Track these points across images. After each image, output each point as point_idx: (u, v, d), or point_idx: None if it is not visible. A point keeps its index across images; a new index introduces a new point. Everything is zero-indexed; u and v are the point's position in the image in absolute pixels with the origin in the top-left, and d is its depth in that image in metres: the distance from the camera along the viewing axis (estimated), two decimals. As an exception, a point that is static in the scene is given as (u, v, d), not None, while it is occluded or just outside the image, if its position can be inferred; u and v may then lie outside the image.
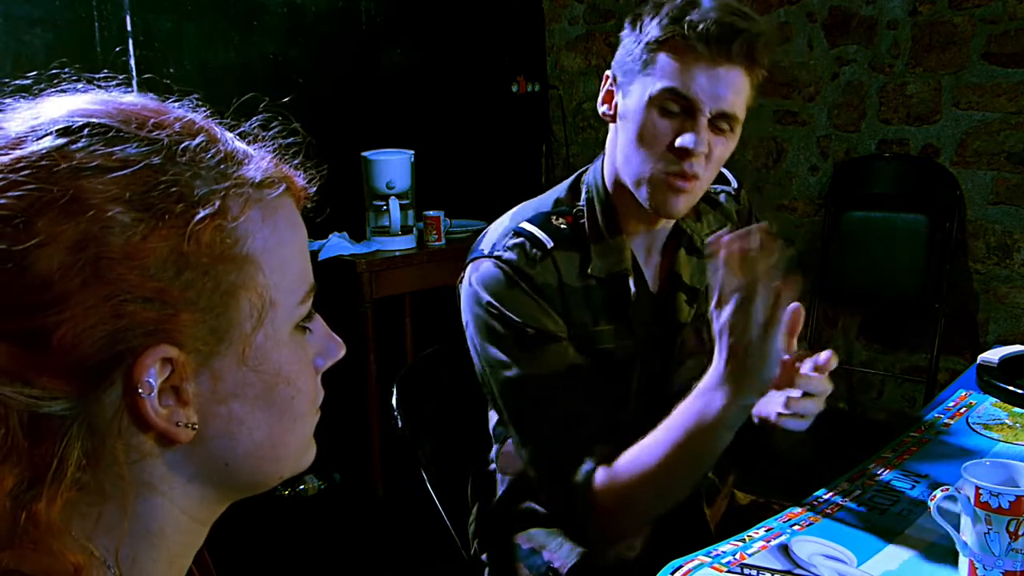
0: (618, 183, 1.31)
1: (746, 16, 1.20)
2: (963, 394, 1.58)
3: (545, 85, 3.98)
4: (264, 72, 3.08)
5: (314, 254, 2.93)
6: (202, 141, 0.57)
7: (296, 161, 0.64)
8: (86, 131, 0.54)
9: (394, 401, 1.49)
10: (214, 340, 0.55)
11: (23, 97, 0.58)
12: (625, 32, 1.27)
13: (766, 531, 1.14)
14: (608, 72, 1.30)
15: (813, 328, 3.23)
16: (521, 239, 1.29)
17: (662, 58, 1.20)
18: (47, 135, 0.53)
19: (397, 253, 3.00)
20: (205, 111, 0.61)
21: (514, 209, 1.39)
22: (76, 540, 0.53)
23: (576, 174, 1.40)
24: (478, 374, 1.33)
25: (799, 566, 1.05)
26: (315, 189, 0.65)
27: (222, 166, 0.57)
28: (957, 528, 1.02)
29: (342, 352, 0.66)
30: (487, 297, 1.27)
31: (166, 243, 0.52)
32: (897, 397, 3.28)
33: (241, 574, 2.44)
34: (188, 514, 0.59)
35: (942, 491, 1.02)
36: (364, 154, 3.04)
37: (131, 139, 0.54)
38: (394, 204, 2.98)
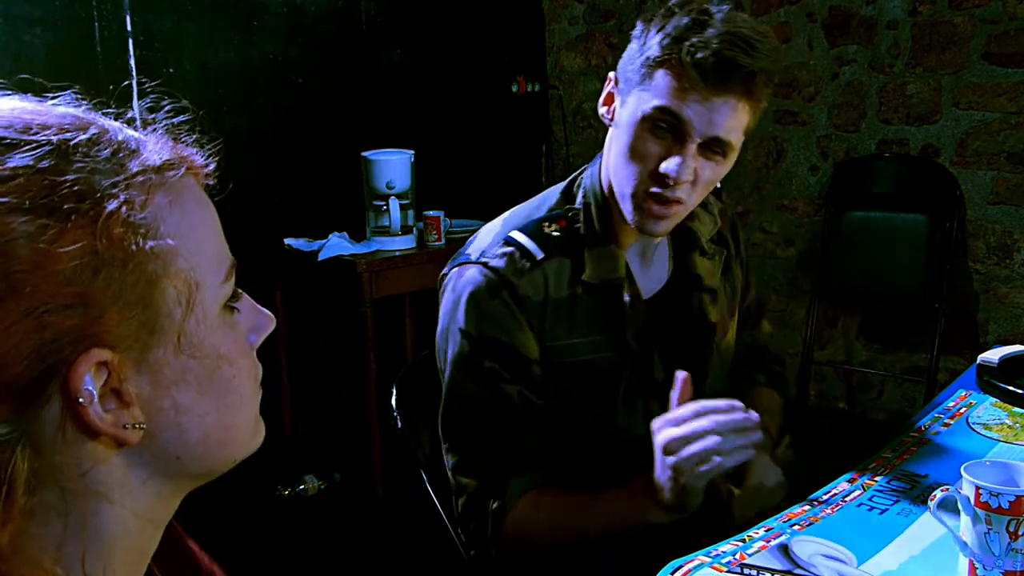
0: (612, 189, 1.30)
1: (750, 47, 1.13)
2: (963, 394, 1.58)
3: (545, 85, 3.98)
4: (264, 72, 3.08)
5: (314, 254, 2.93)
6: (92, 134, 0.54)
7: (194, 140, 0.62)
8: None
9: (394, 401, 1.49)
10: (145, 334, 0.53)
11: None
12: (635, 33, 1.23)
13: (766, 531, 1.14)
14: (612, 73, 1.27)
15: (813, 328, 3.23)
16: (511, 248, 1.28)
17: (659, 76, 1.17)
18: None
19: (397, 253, 2.99)
20: (87, 104, 0.59)
21: (506, 214, 1.37)
22: (32, 561, 0.52)
23: (571, 177, 1.38)
24: (439, 371, 1.35)
25: (799, 566, 1.05)
26: (215, 165, 0.62)
27: (119, 155, 0.55)
28: (957, 528, 1.02)
29: (272, 325, 0.65)
30: (465, 305, 1.27)
31: (77, 245, 0.50)
32: (897, 397, 3.28)
33: (241, 574, 2.43)
34: (143, 517, 0.57)
35: (942, 491, 1.02)
36: (364, 154, 3.04)
37: (18, 145, 0.52)
38: (394, 204, 2.98)
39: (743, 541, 1.12)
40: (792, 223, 3.42)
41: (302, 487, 2.98)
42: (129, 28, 2.74)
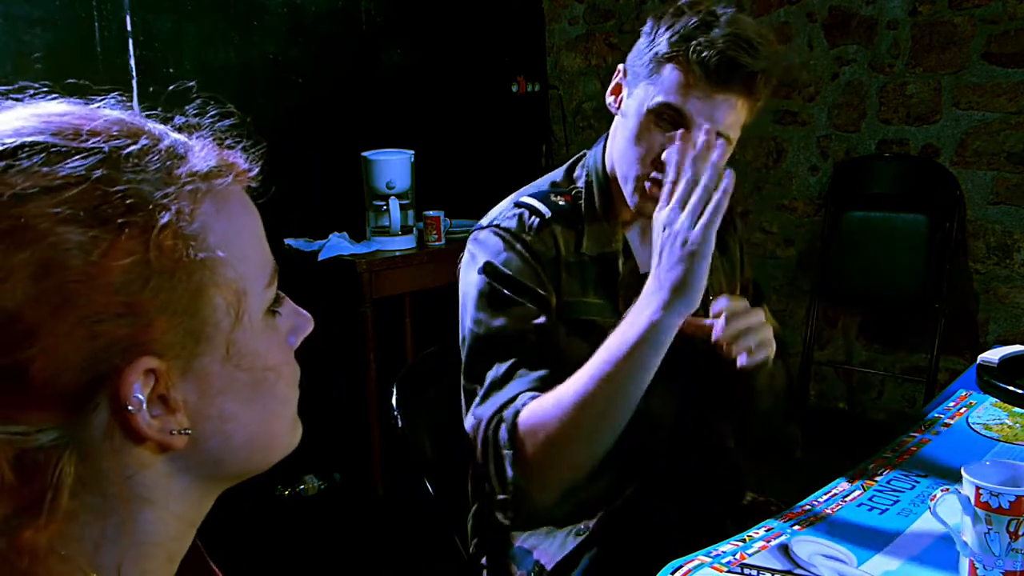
0: (615, 171, 1.36)
1: (752, 48, 1.21)
2: (963, 394, 1.58)
3: (545, 85, 3.98)
4: (264, 72, 3.08)
5: (314, 254, 2.93)
6: (143, 144, 0.55)
7: (237, 144, 0.62)
8: (23, 153, 0.51)
9: (394, 401, 1.49)
10: (192, 342, 0.54)
11: None
12: (645, 29, 1.30)
13: (766, 531, 1.14)
14: (621, 65, 1.35)
15: (813, 328, 3.23)
16: (520, 210, 1.36)
17: (666, 72, 1.24)
18: None
19: (397, 253, 3.00)
20: (133, 107, 0.59)
21: (513, 194, 1.44)
22: (73, 564, 0.52)
23: (572, 160, 1.45)
24: (460, 338, 1.36)
25: (799, 566, 1.05)
26: (258, 170, 0.63)
27: (168, 164, 0.55)
28: (957, 528, 1.02)
29: (311, 326, 0.65)
30: (483, 259, 1.32)
31: (129, 256, 0.50)
32: (897, 397, 3.28)
33: (241, 574, 2.43)
34: (181, 518, 0.58)
35: (942, 491, 1.02)
36: (364, 154, 3.04)
37: (70, 153, 0.52)
38: (394, 204, 2.98)
39: (743, 541, 1.12)
40: (792, 223, 3.42)
41: (302, 487, 2.97)
42: (129, 28, 2.74)
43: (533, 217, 1.34)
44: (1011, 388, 1.52)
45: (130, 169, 0.53)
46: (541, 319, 1.29)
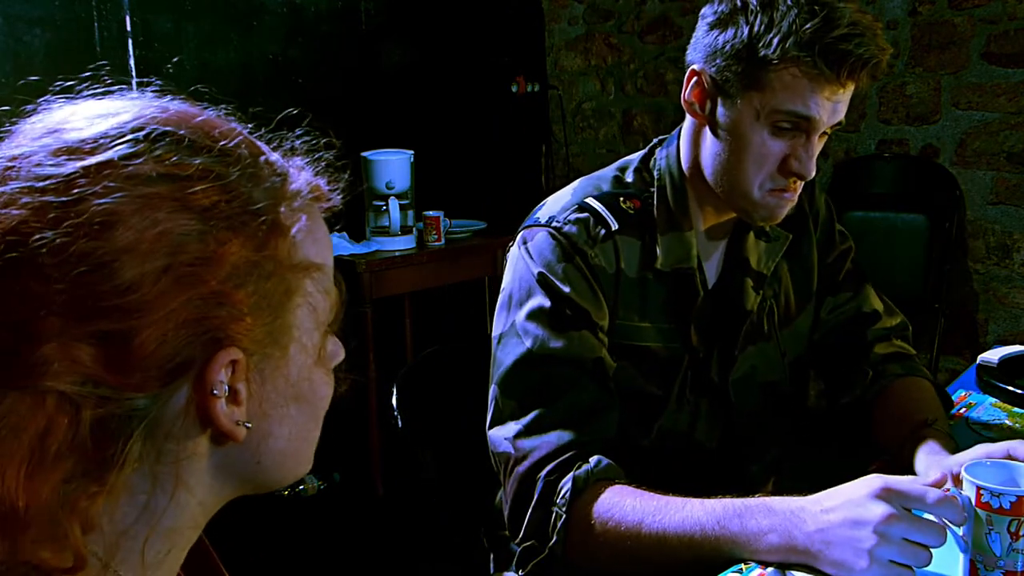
0: (697, 175, 1.26)
1: (873, 36, 1.13)
2: (963, 394, 1.58)
3: (545, 85, 3.98)
4: (264, 72, 3.08)
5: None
6: (264, 152, 0.60)
7: (326, 173, 0.67)
8: (164, 140, 0.55)
9: (394, 401, 1.49)
10: (271, 342, 0.57)
11: (57, 98, 0.60)
12: (712, 20, 1.18)
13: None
14: (695, 66, 1.21)
15: (813, 328, 3.23)
16: (585, 215, 1.24)
17: (784, 78, 1.14)
18: (125, 141, 0.54)
19: (397, 253, 3.00)
20: (236, 120, 0.63)
21: (575, 183, 1.33)
22: (101, 535, 0.54)
23: (648, 148, 1.35)
24: (495, 339, 1.25)
25: None
26: (340, 197, 0.68)
27: (278, 176, 0.60)
28: (958, 528, 1.02)
29: (342, 355, 0.68)
30: (539, 267, 1.22)
31: (241, 251, 0.55)
32: (897, 397, 3.28)
33: (241, 574, 2.43)
34: (205, 509, 0.60)
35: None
36: (364, 154, 3.04)
37: (204, 149, 0.56)
38: (394, 204, 2.98)
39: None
40: (792, 223, 3.42)
41: (302, 487, 2.97)
42: (129, 28, 2.74)
43: (599, 227, 1.24)
44: (1011, 388, 1.52)
45: (253, 173, 0.57)
46: (594, 348, 1.20)
